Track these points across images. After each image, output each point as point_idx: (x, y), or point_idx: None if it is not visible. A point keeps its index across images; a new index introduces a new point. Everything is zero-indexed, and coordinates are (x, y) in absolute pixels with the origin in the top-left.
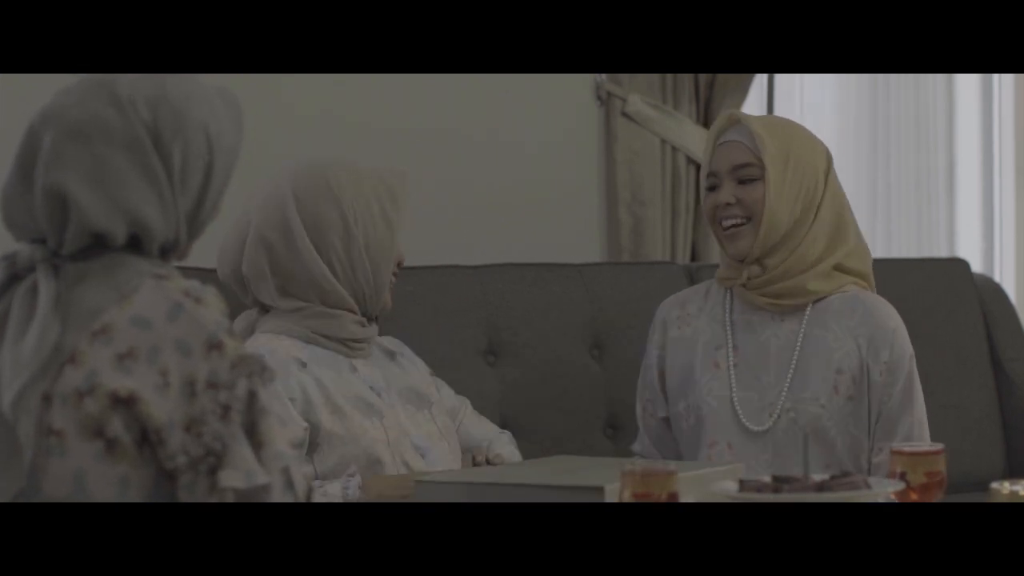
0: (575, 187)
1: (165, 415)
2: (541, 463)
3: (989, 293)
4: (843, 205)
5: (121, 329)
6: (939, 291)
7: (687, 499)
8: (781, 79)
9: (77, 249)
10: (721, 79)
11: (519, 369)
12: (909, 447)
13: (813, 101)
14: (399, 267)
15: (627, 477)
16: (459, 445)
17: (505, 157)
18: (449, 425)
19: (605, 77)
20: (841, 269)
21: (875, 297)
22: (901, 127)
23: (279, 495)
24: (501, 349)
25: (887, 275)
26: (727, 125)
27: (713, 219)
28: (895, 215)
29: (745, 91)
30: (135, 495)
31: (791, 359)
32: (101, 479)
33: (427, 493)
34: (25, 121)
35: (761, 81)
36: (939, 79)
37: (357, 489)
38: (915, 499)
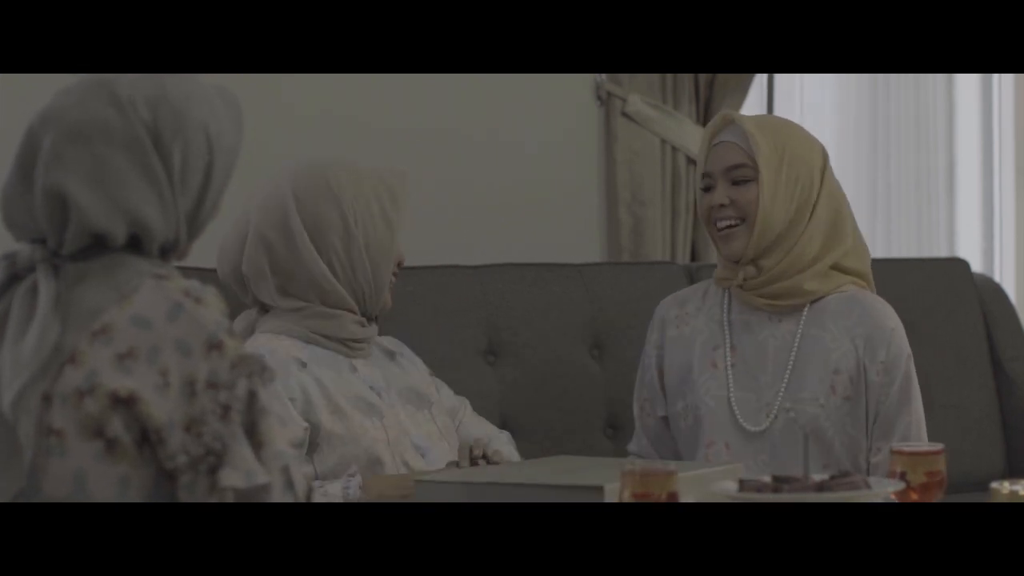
0: (575, 187)
1: (165, 415)
2: (541, 463)
3: (989, 293)
4: (840, 204)
5: (121, 329)
6: (939, 291)
7: (687, 499)
8: (781, 79)
9: (77, 249)
10: (721, 79)
11: (519, 369)
12: (909, 447)
13: (813, 101)
14: (399, 267)
15: (627, 477)
16: (459, 445)
17: (505, 157)
18: (449, 425)
19: (605, 77)
20: (839, 269)
21: (873, 297)
22: (901, 127)
23: (279, 495)
24: (501, 349)
25: (887, 275)
26: (721, 125)
27: (708, 220)
28: (895, 215)
29: (745, 91)
30: (135, 495)
31: (788, 359)
32: (101, 479)
33: (427, 493)
34: (25, 121)
35: (761, 81)
36: (939, 79)
37: (358, 489)
38: (915, 499)
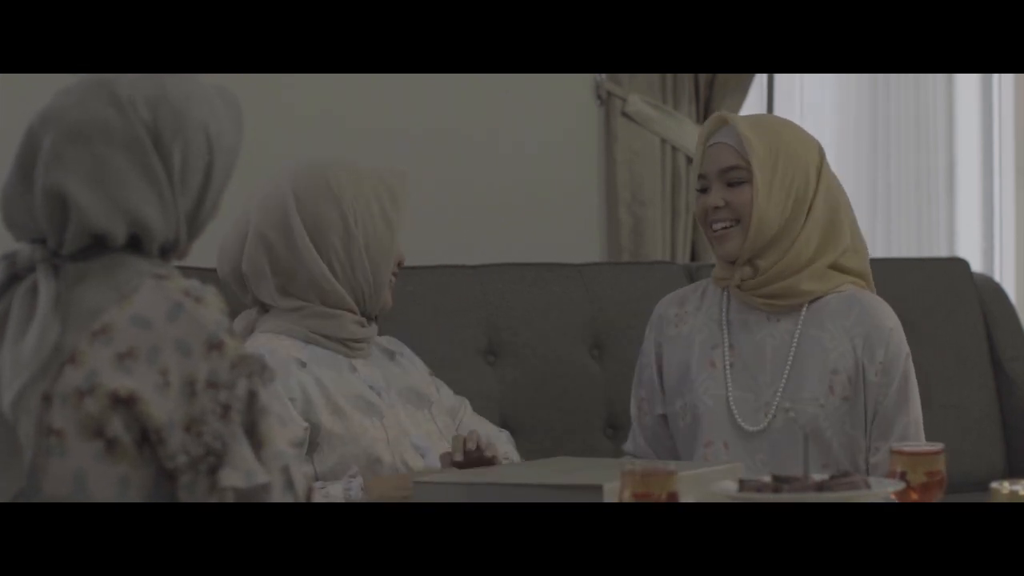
0: (575, 187)
1: (165, 415)
2: (540, 464)
3: (989, 293)
4: (838, 202)
5: (121, 329)
6: (939, 291)
7: (687, 499)
8: (781, 79)
9: (77, 249)
10: (721, 79)
11: (519, 369)
12: (909, 447)
13: (813, 101)
14: (399, 267)
15: (627, 477)
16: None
17: (505, 157)
18: (449, 425)
19: (605, 77)
20: (838, 268)
21: (872, 296)
22: (901, 127)
23: (279, 495)
24: (501, 349)
25: (887, 275)
26: (716, 126)
27: (704, 221)
28: (895, 215)
29: (745, 91)
30: (135, 495)
31: (787, 359)
32: (101, 479)
33: (426, 493)
34: (25, 121)
35: (761, 81)
36: (939, 79)
37: (359, 491)
38: (915, 499)
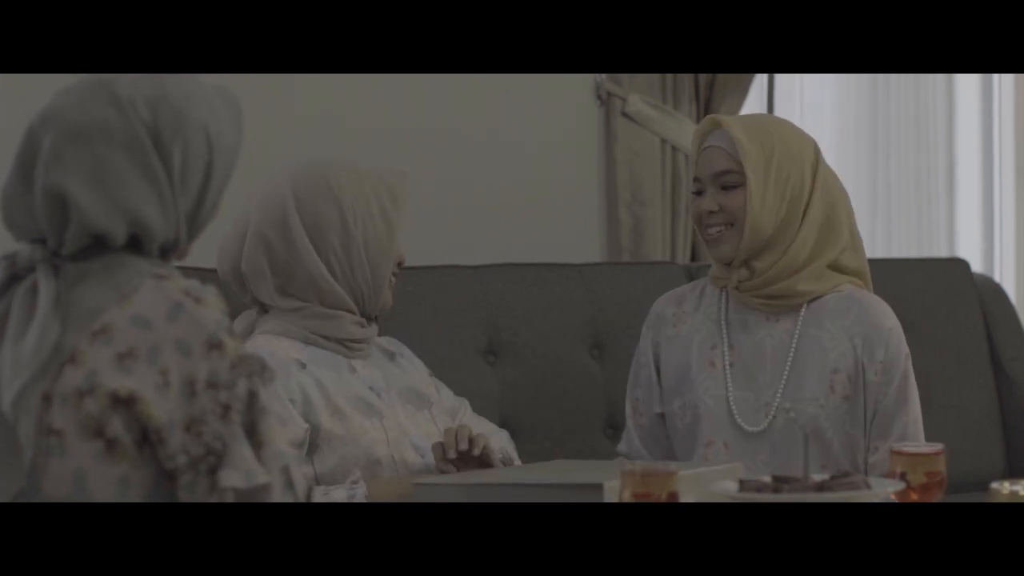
0: (575, 187)
1: (165, 415)
2: (539, 466)
3: (989, 293)
4: (836, 201)
5: (121, 329)
6: (939, 291)
7: (687, 499)
8: (781, 79)
9: (77, 249)
10: (721, 79)
11: (519, 369)
12: (909, 447)
13: (813, 101)
14: (399, 267)
15: (627, 477)
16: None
17: (505, 157)
18: (449, 425)
19: (605, 77)
20: (836, 267)
21: (871, 296)
22: (901, 127)
23: (279, 495)
24: (501, 349)
25: (887, 275)
26: (709, 129)
27: (699, 224)
28: (895, 215)
29: (745, 91)
30: (135, 495)
31: (786, 359)
32: (101, 479)
33: (426, 494)
34: (25, 121)
35: (761, 81)
36: (939, 79)
37: (363, 498)
38: (915, 499)
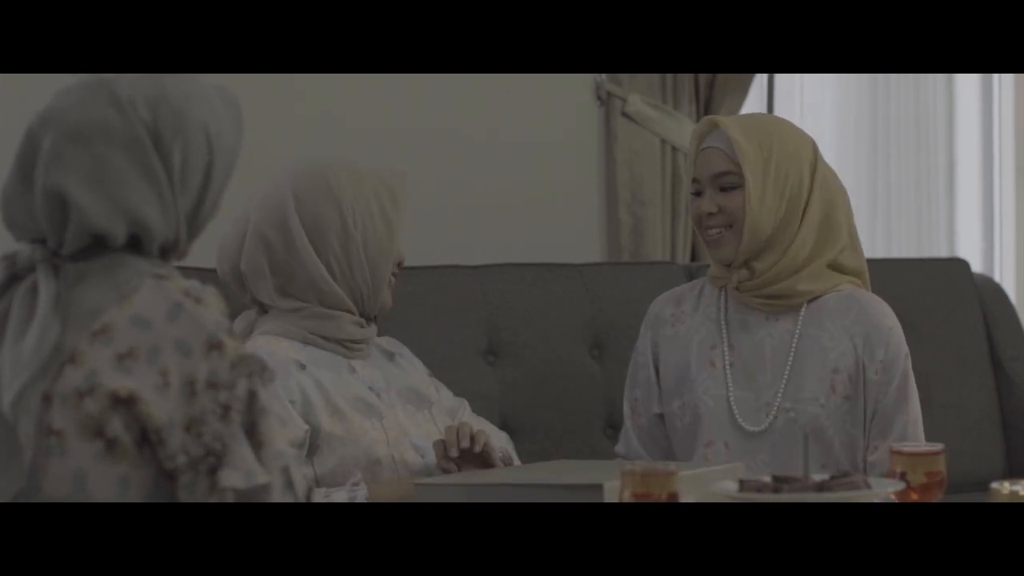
0: (575, 187)
1: (165, 415)
2: (539, 466)
3: (989, 293)
4: (835, 200)
5: (121, 329)
6: (939, 291)
7: (687, 499)
8: (781, 79)
9: (77, 249)
10: (721, 79)
11: (519, 369)
12: (909, 447)
13: (813, 101)
14: (399, 267)
15: (627, 477)
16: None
17: (505, 157)
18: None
19: (605, 77)
20: (836, 267)
21: (870, 296)
22: (901, 127)
23: (279, 495)
24: (501, 349)
25: (887, 275)
26: (707, 130)
27: (698, 224)
28: (895, 215)
29: (745, 91)
30: (135, 495)
31: (787, 359)
32: (101, 479)
33: (427, 494)
34: (25, 121)
35: (761, 81)
36: (939, 79)
37: (364, 500)
38: (915, 499)
